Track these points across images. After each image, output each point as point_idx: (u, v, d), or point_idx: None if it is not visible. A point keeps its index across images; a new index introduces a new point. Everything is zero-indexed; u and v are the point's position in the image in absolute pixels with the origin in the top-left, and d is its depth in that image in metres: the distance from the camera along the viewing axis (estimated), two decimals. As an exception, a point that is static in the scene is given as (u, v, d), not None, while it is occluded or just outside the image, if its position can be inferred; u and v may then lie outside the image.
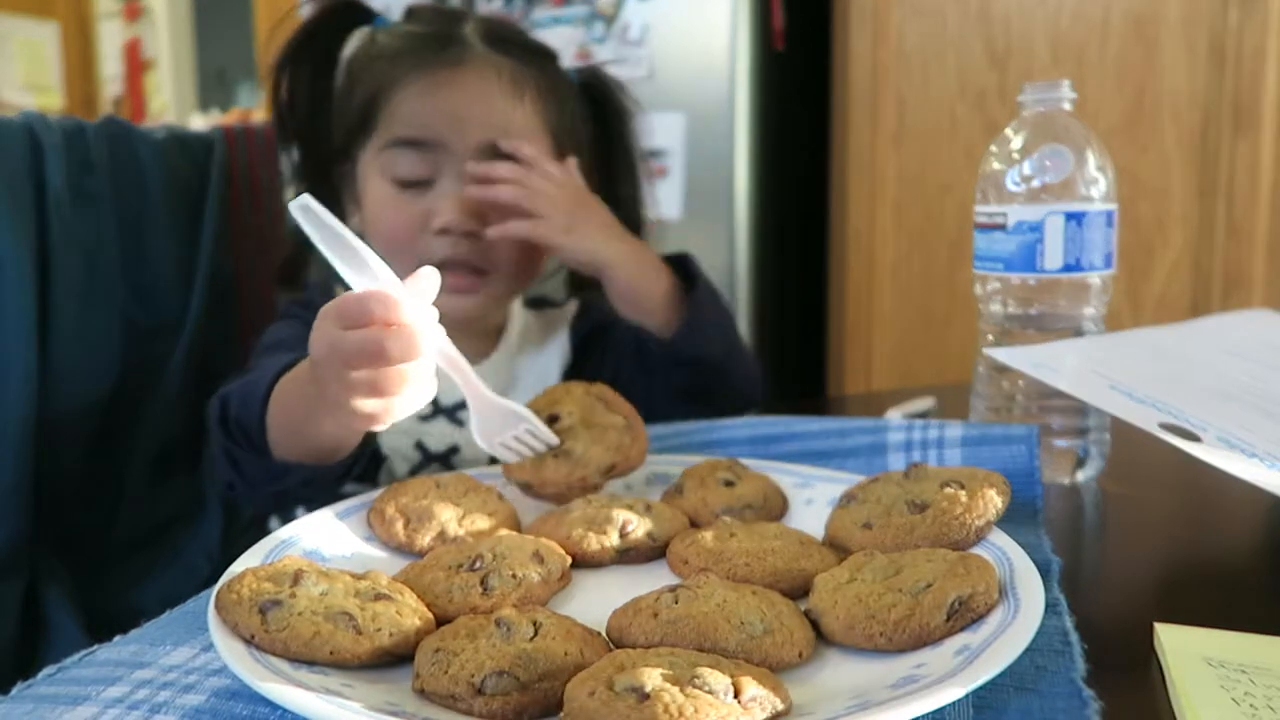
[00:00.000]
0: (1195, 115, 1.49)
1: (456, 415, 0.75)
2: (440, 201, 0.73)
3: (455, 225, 0.72)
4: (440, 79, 0.73)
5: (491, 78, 0.74)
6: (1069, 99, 0.65)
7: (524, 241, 0.74)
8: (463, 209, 0.72)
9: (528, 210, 0.72)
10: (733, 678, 0.31)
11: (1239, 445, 0.50)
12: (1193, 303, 1.52)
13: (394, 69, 0.74)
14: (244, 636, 0.36)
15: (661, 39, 1.86)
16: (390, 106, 0.74)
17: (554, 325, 0.83)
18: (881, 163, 1.76)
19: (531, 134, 0.75)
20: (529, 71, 0.75)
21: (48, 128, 0.82)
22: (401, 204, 0.74)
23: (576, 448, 0.54)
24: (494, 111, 0.73)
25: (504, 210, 0.73)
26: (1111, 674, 0.35)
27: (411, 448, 0.75)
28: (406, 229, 0.73)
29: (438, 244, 0.73)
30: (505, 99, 0.74)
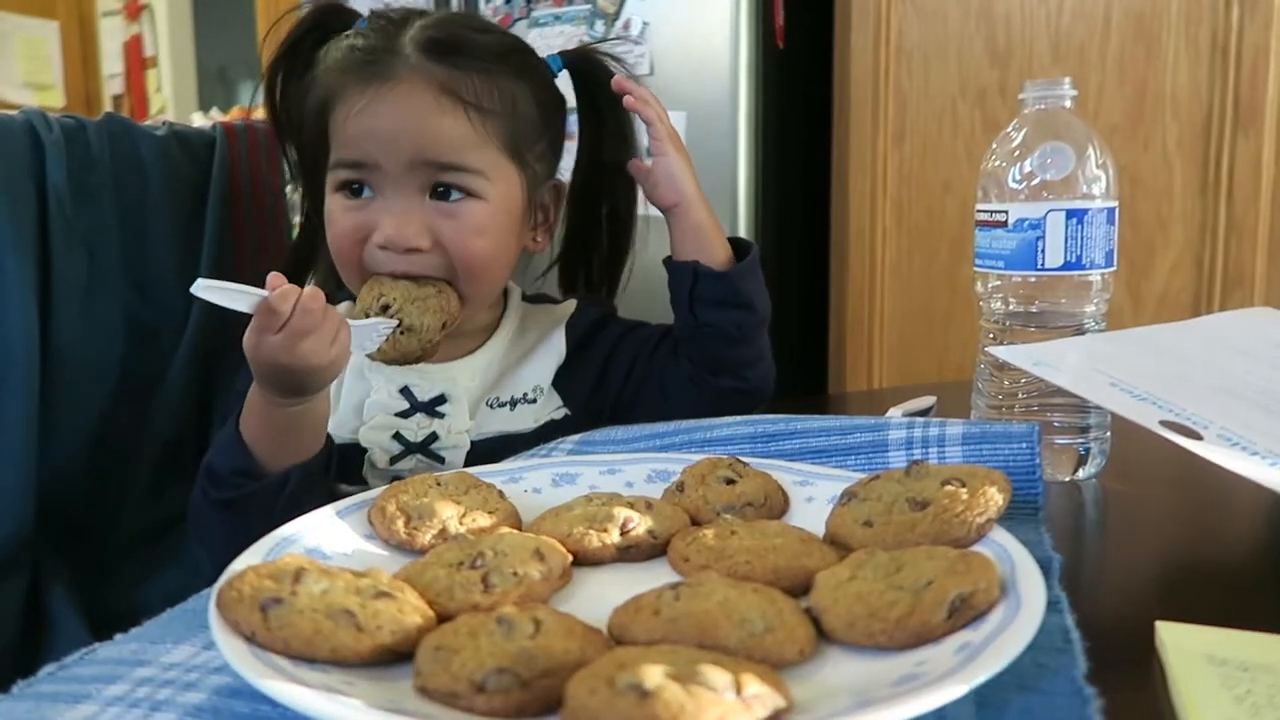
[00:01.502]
0: (1197, 113, 1.49)
1: (435, 409, 0.76)
2: (380, 217, 0.73)
3: (394, 242, 0.72)
4: (370, 96, 0.72)
5: (421, 90, 0.72)
6: (1070, 96, 0.65)
7: (473, 257, 0.74)
8: (401, 225, 0.72)
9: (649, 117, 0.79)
10: (734, 675, 0.31)
11: (1240, 443, 0.50)
12: (1194, 300, 1.52)
13: (334, 86, 0.75)
14: (245, 634, 0.36)
15: (662, 36, 1.86)
16: (333, 125, 0.75)
17: (550, 322, 0.83)
18: (882, 160, 1.76)
19: (470, 145, 0.73)
20: (467, 79, 0.73)
21: (48, 125, 0.82)
22: (347, 217, 0.74)
23: (413, 322, 0.70)
24: (424, 127, 0.72)
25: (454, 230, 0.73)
26: (1113, 672, 0.35)
27: (390, 439, 0.75)
28: (351, 239, 0.74)
29: (381, 257, 0.73)
30: (437, 112, 0.72)
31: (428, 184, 0.73)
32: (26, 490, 0.78)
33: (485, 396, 0.78)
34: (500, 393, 0.79)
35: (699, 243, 0.78)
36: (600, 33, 1.94)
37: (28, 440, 0.78)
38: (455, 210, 0.73)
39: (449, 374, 0.77)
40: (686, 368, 0.79)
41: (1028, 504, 0.52)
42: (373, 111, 0.72)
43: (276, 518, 0.49)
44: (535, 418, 0.79)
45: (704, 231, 0.79)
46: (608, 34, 1.93)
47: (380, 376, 0.76)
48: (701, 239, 0.79)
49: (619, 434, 0.66)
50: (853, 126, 1.78)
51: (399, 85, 0.73)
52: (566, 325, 0.82)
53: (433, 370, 0.77)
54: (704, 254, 0.78)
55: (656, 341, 0.82)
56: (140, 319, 0.87)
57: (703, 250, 0.78)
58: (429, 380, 0.77)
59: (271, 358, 0.61)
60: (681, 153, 0.80)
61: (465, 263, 0.74)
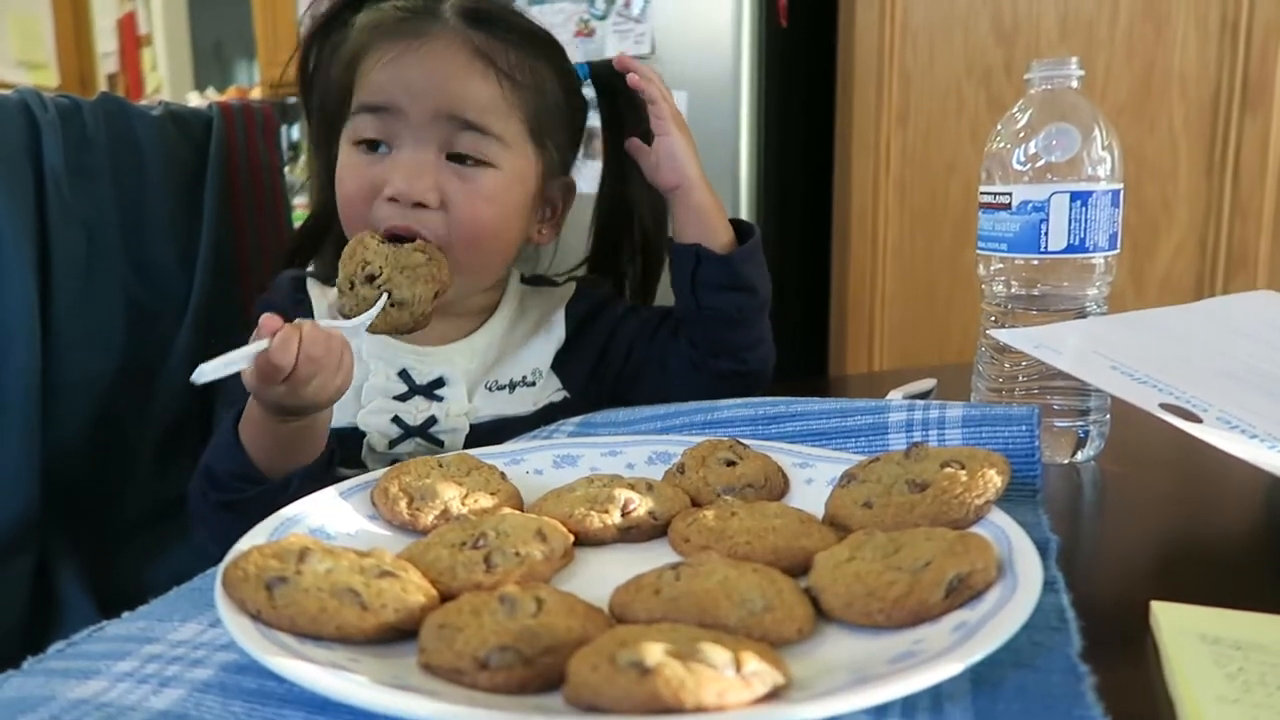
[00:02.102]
0: (1204, 93, 1.48)
1: (433, 393, 0.76)
2: (392, 169, 0.72)
3: (404, 194, 0.71)
4: (404, 47, 0.73)
5: (456, 48, 0.73)
6: (1076, 76, 0.64)
7: (478, 222, 0.74)
8: (412, 178, 0.71)
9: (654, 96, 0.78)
10: (733, 652, 0.32)
11: (1239, 426, 0.51)
12: (1197, 283, 1.52)
13: (367, 40, 0.75)
14: (250, 612, 0.36)
15: (663, 14, 1.85)
16: (361, 75, 0.74)
17: (549, 305, 0.83)
18: (885, 141, 1.75)
19: (496, 110, 0.74)
20: (503, 49, 0.74)
21: (43, 105, 0.82)
22: (359, 169, 0.74)
23: (404, 295, 0.66)
24: (454, 81, 0.73)
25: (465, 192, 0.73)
26: (1107, 650, 0.35)
27: (389, 423, 0.75)
28: (360, 194, 0.73)
29: (387, 210, 0.72)
30: (468, 71, 0.73)
31: (447, 141, 0.73)
32: (31, 470, 0.79)
33: (484, 379, 0.78)
34: (499, 375, 0.78)
35: (701, 225, 0.78)
36: (601, 11, 1.93)
37: (30, 420, 0.78)
38: (468, 174, 0.73)
39: (447, 356, 0.77)
40: (687, 350, 0.79)
41: (1026, 486, 0.53)
42: (404, 61, 0.72)
43: None
44: (535, 400, 0.79)
45: (706, 213, 0.78)
46: (608, 12, 1.92)
47: (379, 360, 0.77)
48: (704, 221, 0.78)
49: (620, 416, 0.66)
50: (856, 106, 1.77)
51: (434, 41, 0.73)
52: (566, 307, 0.82)
53: (431, 353, 0.77)
54: (706, 236, 0.78)
55: (657, 324, 0.82)
56: (140, 299, 0.87)
57: (705, 233, 0.78)
58: (427, 363, 0.77)
59: (276, 401, 0.60)
60: (684, 133, 0.79)
61: (469, 228, 0.73)
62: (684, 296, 0.79)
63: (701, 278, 0.77)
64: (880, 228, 1.78)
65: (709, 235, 0.78)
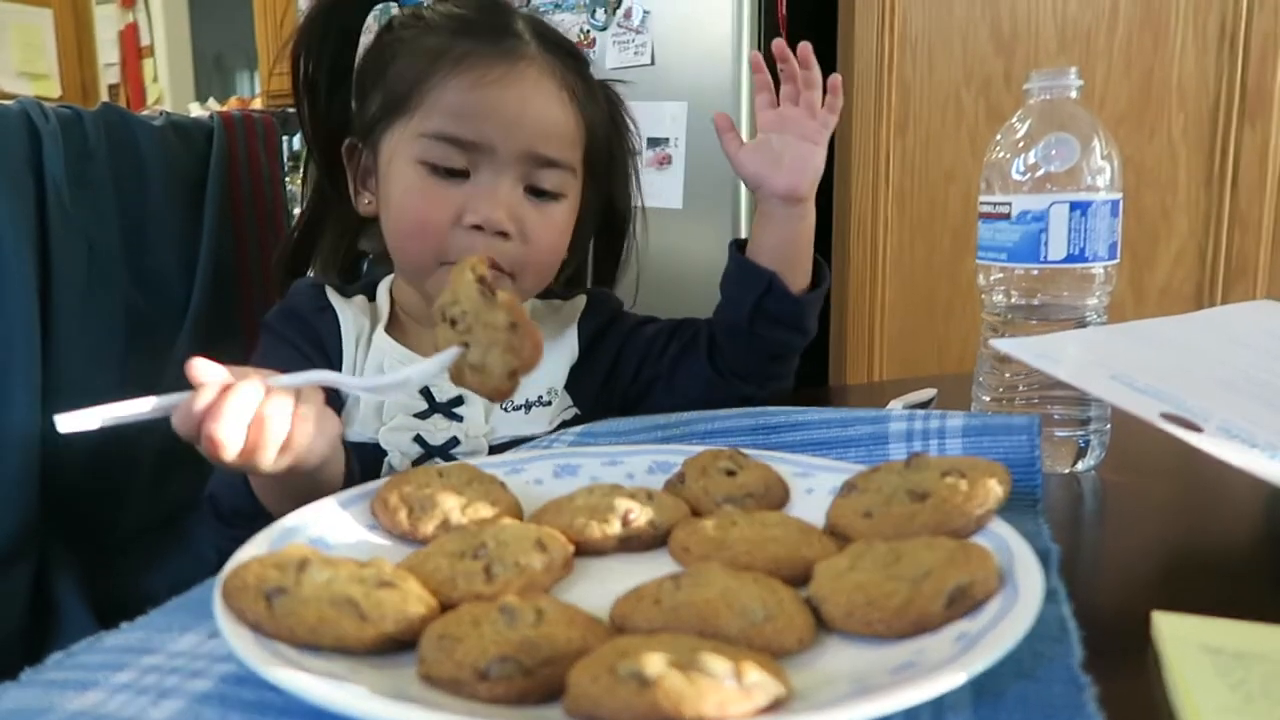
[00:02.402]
0: (1203, 103, 1.48)
1: (453, 411, 0.75)
2: (477, 198, 0.71)
3: (491, 224, 0.71)
4: (494, 76, 0.71)
5: (545, 79, 0.73)
6: (1075, 86, 0.64)
7: (552, 253, 0.75)
8: (497, 208, 0.71)
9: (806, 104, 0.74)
10: (734, 663, 0.31)
11: (1240, 435, 0.51)
12: (1197, 293, 1.52)
13: (442, 53, 0.72)
14: (250, 623, 0.36)
15: (664, 24, 1.85)
16: (435, 93, 0.72)
17: (561, 320, 0.82)
18: (885, 150, 1.76)
19: (571, 142, 0.74)
20: (572, 77, 0.75)
21: (45, 116, 0.82)
22: (434, 194, 0.72)
23: (477, 357, 0.55)
24: (545, 118, 0.72)
25: (541, 224, 0.73)
26: (1109, 661, 0.35)
27: (410, 442, 0.74)
28: (438, 221, 0.71)
29: (467, 239, 0.71)
30: (557, 104, 0.73)
31: (527, 176, 0.73)
32: (31, 480, 0.79)
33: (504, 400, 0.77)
34: (515, 396, 0.78)
35: (789, 253, 0.75)
36: (601, 21, 1.93)
37: (31, 431, 0.78)
38: (544, 206, 0.74)
39: None
40: (705, 368, 0.78)
41: (1027, 496, 0.53)
42: (495, 91, 0.70)
43: None
44: (550, 420, 0.77)
45: (803, 242, 0.75)
46: (609, 23, 1.92)
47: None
48: (794, 250, 0.75)
49: (620, 426, 0.66)
50: (856, 115, 1.78)
51: (529, 68, 0.72)
52: (579, 323, 0.81)
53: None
54: (788, 268, 0.74)
55: (666, 340, 0.81)
56: (140, 308, 0.87)
57: (789, 263, 0.74)
58: (447, 379, 0.76)
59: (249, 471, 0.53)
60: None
61: (541, 258, 0.74)
62: (737, 316, 0.76)
63: (766, 308, 0.74)
64: (880, 237, 1.78)
65: (791, 268, 0.75)
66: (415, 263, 0.74)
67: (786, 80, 0.74)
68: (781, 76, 0.74)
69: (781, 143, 0.74)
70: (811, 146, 0.74)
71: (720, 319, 0.78)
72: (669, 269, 1.84)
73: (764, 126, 0.74)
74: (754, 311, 0.74)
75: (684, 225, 1.81)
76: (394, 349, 0.76)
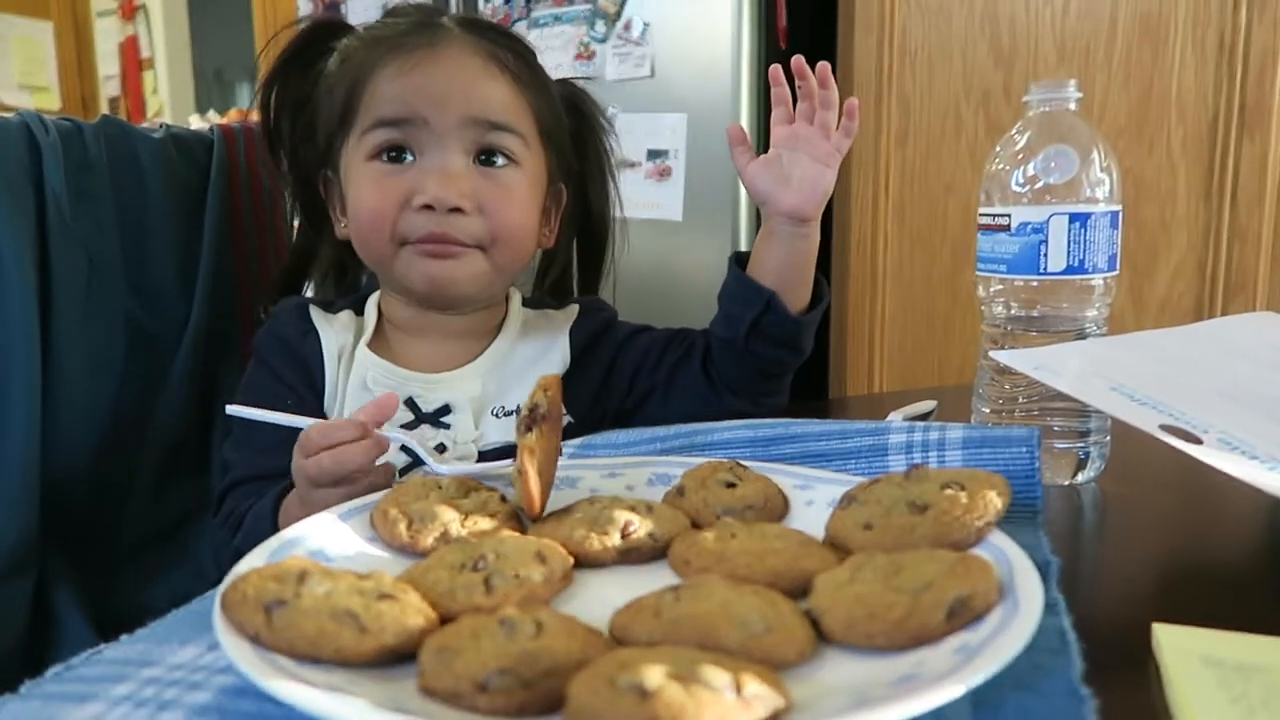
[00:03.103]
0: (1202, 116, 1.49)
1: (440, 420, 0.75)
2: (423, 178, 0.72)
3: (440, 201, 0.72)
4: (417, 58, 0.73)
5: (469, 54, 0.74)
6: (1075, 99, 0.65)
7: (510, 221, 0.75)
8: (447, 184, 0.72)
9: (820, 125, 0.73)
10: (734, 675, 0.31)
11: (1240, 447, 0.51)
12: (1196, 305, 1.52)
13: (370, 57, 0.75)
14: (249, 635, 0.36)
15: (663, 37, 1.86)
16: (369, 92, 0.74)
17: (552, 329, 0.82)
18: (885, 162, 1.76)
19: (514, 108, 0.75)
20: (508, 55, 0.76)
21: (45, 128, 0.83)
22: (383, 181, 0.74)
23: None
24: (475, 84, 0.73)
25: (496, 195, 0.74)
26: (1109, 673, 0.35)
27: (397, 451, 0.74)
28: (389, 206, 0.73)
29: (420, 220, 0.73)
30: (484, 76, 0.74)
31: (475, 145, 0.74)
32: (31, 493, 0.78)
33: (490, 405, 0.78)
34: (505, 401, 0.78)
35: (791, 272, 0.74)
36: (601, 33, 1.94)
37: (30, 443, 0.78)
38: (498, 175, 0.75)
39: (451, 383, 0.77)
40: (701, 383, 0.78)
41: (1027, 507, 0.53)
42: (422, 70, 0.73)
43: None
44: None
45: (804, 263, 0.75)
46: (609, 35, 1.93)
47: (384, 390, 0.77)
48: (796, 269, 0.74)
49: (620, 438, 0.66)
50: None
51: (449, 49, 0.74)
52: (570, 332, 0.82)
53: (436, 380, 0.77)
54: (788, 288, 0.74)
55: (662, 349, 0.81)
56: (140, 321, 0.87)
57: (790, 284, 0.74)
58: (433, 390, 0.77)
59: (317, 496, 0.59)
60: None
61: (504, 229, 0.75)
62: (733, 332, 0.75)
63: (763, 326, 0.74)
64: (879, 249, 1.78)
65: (792, 287, 0.74)
66: (376, 253, 0.76)
67: (803, 98, 0.74)
68: (799, 94, 0.74)
69: (792, 160, 0.74)
70: (822, 168, 0.73)
71: (716, 332, 0.78)
72: (669, 280, 1.85)
73: (777, 142, 0.74)
74: (751, 329, 0.74)
75: (684, 237, 1.82)
76: (376, 364, 0.77)
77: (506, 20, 2.08)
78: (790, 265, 0.74)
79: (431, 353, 0.79)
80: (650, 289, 1.72)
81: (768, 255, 0.75)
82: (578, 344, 0.81)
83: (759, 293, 0.74)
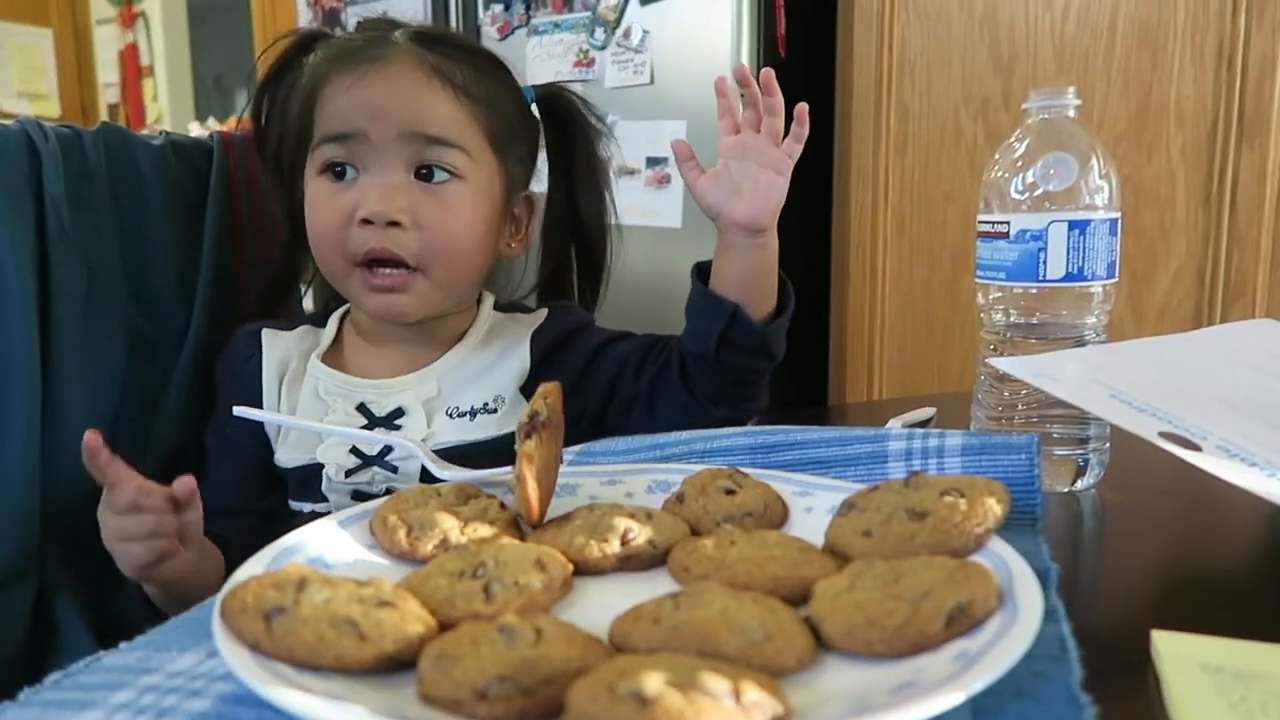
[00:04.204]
0: (1201, 123, 1.49)
1: (394, 424, 0.76)
2: (363, 194, 0.74)
3: (378, 215, 0.73)
4: (361, 73, 0.74)
5: (412, 68, 0.75)
6: (1074, 106, 0.65)
7: (452, 238, 0.75)
8: (384, 199, 0.73)
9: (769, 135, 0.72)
10: (733, 682, 0.31)
11: (1239, 454, 0.51)
12: (1195, 312, 1.52)
13: (321, 73, 0.77)
14: (248, 643, 0.36)
15: (663, 45, 1.86)
16: (320, 106, 0.76)
17: (517, 331, 0.82)
18: (884, 170, 1.76)
19: (457, 123, 0.75)
20: (456, 67, 0.76)
21: (44, 135, 0.82)
22: (329, 197, 0.75)
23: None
24: (414, 99, 0.74)
25: (434, 209, 0.74)
26: (1108, 680, 0.35)
27: (346, 454, 0.76)
28: (334, 221, 0.75)
29: (362, 235, 0.74)
30: (426, 89, 0.75)
31: (414, 160, 0.75)
32: (31, 501, 0.78)
33: (444, 406, 0.78)
34: (460, 402, 0.78)
35: (752, 281, 0.73)
36: (601, 41, 1.95)
37: (30, 451, 0.78)
38: (438, 191, 0.75)
39: (404, 386, 0.78)
40: (681, 394, 0.77)
41: (1026, 514, 0.53)
42: (362, 85, 0.74)
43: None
44: (499, 427, 0.77)
45: (765, 271, 0.73)
46: (608, 42, 1.94)
47: (337, 397, 0.78)
48: (759, 279, 0.73)
49: (619, 445, 0.66)
50: (854, 136, 1.78)
51: (390, 64, 0.75)
52: (532, 335, 0.81)
53: (388, 385, 0.78)
54: (752, 299, 0.73)
55: (640, 358, 0.80)
56: (140, 330, 0.87)
57: (753, 294, 0.73)
58: (385, 395, 0.78)
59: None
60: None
61: (443, 244, 0.75)
62: (703, 346, 0.74)
63: (731, 338, 0.73)
64: (879, 256, 1.78)
65: (755, 297, 0.73)
66: (331, 269, 0.78)
67: (748, 105, 0.73)
68: (743, 102, 0.73)
69: (741, 171, 0.72)
70: (774, 175, 0.72)
71: (687, 346, 0.77)
72: (667, 287, 1.84)
73: (724, 152, 0.73)
74: (719, 342, 0.73)
75: (683, 244, 1.82)
76: (326, 374, 0.79)
77: (506, 28, 2.09)
78: (751, 275, 0.73)
79: (390, 358, 0.80)
80: (649, 296, 1.72)
81: (727, 268, 0.74)
82: (540, 348, 0.81)
83: (722, 306, 0.73)
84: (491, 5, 2.11)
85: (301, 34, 0.84)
